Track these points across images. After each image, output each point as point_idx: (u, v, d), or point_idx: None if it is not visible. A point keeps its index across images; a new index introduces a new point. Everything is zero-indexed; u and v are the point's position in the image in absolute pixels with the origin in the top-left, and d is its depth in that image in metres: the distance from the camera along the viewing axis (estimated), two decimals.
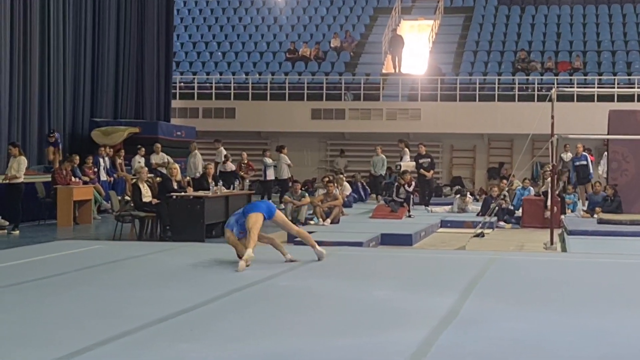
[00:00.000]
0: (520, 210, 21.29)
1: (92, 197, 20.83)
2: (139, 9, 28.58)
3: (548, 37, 36.68)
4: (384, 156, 28.16)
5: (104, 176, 22.91)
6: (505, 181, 23.57)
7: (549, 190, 17.90)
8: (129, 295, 9.78)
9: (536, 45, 36.17)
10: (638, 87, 30.51)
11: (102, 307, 8.93)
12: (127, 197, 17.27)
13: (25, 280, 10.61)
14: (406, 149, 26.67)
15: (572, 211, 22.74)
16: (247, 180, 26.30)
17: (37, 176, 20.90)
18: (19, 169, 17.90)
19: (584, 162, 24.71)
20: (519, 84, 32.65)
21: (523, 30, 37.32)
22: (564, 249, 15.71)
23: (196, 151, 25.31)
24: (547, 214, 18.27)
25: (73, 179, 20.34)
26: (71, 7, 24.80)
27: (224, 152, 26.29)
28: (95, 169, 22.65)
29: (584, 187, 24.26)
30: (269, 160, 26.61)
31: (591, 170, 24.80)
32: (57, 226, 19.27)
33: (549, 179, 21.46)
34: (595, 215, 20.55)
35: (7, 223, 17.58)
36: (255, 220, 12.35)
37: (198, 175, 23.36)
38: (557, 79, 32.17)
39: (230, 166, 25.80)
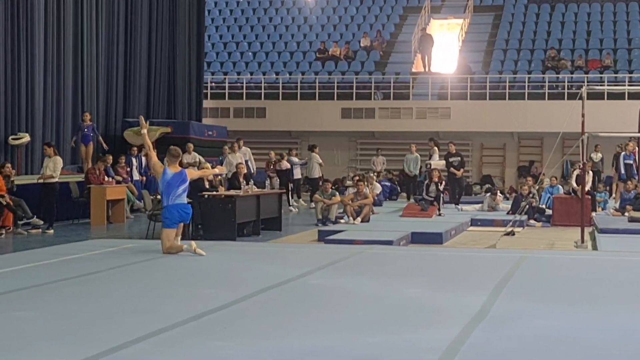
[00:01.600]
0: (550, 208, 21.23)
1: (125, 197, 20.94)
2: (170, 9, 28.70)
3: (578, 35, 36.48)
4: (418, 155, 28.09)
5: (136, 176, 23.03)
6: (531, 179, 23.41)
7: (581, 188, 17.79)
8: (162, 293, 9.83)
9: (566, 43, 36.00)
10: None
11: (136, 305, 8.97)
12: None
13: (60, 279, 10.67)
14: (435, 148, 26.60)
15: (602, 209, 22.63)
16: (276, 179, 26.30)
17: (70, 176, 21.04)
18: (55, 168, 18.04)
19: (630, 162, 24.54)
20: (549, 82, 32.55)
21: (553, 28, 37.14)
22: (594, 247, 15.65)
23: (241, 149, 25.23)
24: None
25: (106, 178, 20.45)
26: (104, 8, 24.94)
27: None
28: (128, 169, 22.78)
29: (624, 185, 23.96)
30: (295, 159, 26.72)
31: (635, 170, 24.58)
32: (90, 225, 19.38)
33: (574, 177, 21.46)
34: (627, 214, 20.44)
35: (42, 222, 17.69)
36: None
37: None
38: (587, 77, 32.01)
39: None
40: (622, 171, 24.61)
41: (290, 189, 25.91)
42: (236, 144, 25.29)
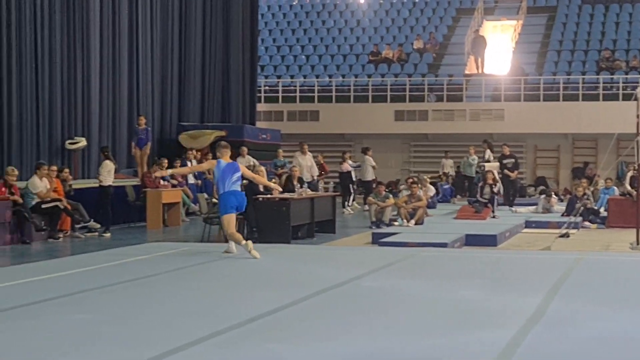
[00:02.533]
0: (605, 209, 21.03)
1: (181, 200, 21.06)
2: (224, 14, 28.85)
3: (633, 35, 36.05)
4: (476, 157, 27.99)
5: (191, 179, 23.11)
6: (586, 181, 23.20)
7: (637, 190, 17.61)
8: (218, 295, 9.90)
9: (620, 44, 35.61)
10: None
11: (192, 308, 9.04)
12: (214, 200, 17.40)
13: (117, 282, 10.78)
14: (488, 150, 26.50)
15: None
16: (322, 182, 26.35)
17: (126, 180, 21.21)
18: (109, 173, 18.17)
19: None
20: (603, 83, 32.22)
21: (607, 29, 36.77)
22: None
23: (308, 153, 25.30)
24: None
25: (162, 182, 20.58)
26: (158, 13, 25.13)
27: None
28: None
29: None
30: (350, 162, 26.81)
31: None
32: (146, 228, 19.50)
33: (628, 178, 21.23)
34: None
35: (99, 226, 17.85)
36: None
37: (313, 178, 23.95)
38: None
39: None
40: None
41: (351, 191, 25.98)
42: (305, 146, 25.34)
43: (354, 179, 26.66)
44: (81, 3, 21.63)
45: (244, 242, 13.12)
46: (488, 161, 25.85)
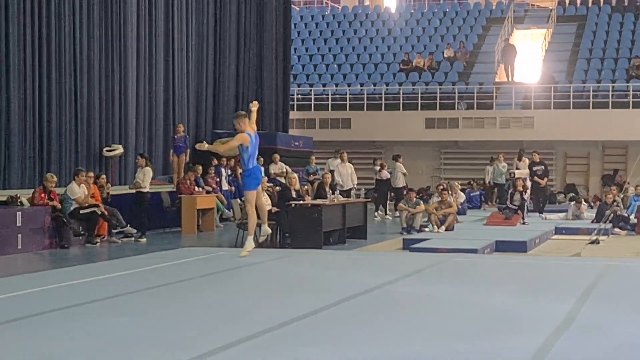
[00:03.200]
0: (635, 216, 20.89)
1: (215, 206, 21.15)
2: (257, 24, 28.95)
3: None
4: (506, 164, 27.91)
5: (225, 186, 23.22)
6: (616, 188, 23.07)
7: None
8: (252, 300, 9.93)
9: None
10: None
11: (226, 312, 9.10)
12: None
13: (153, 286, 10.85)
14: (518, 161, 26.43)
15: None
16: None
17: (162, 186, 21.32)
18: (144, 179, 18.30)
19: None
20: (633, 90, 32.01)
21: (637, 37, 36.52)
22: None
23: (347, 162, 25.32)
24: None
25: (196, 188, 20.68)
26: (194, 23, 25.25)
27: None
28: (217, 179, 22.98)
29: None
30: (377, 168, 26.82)
31: None
32: (181, 234, 19.59)
33: None
34: None
35: (135, 231, 17.95)
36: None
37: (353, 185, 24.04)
38: None
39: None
40: None
41: (390, 198, 25.99)
42: (345, 154, 25.37)
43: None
44: (118, 16, 21.81)
45: (252, 235, 13.44)
46: (518, 169, 25.77)
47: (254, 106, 14.76)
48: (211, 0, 26.11)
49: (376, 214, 25.44)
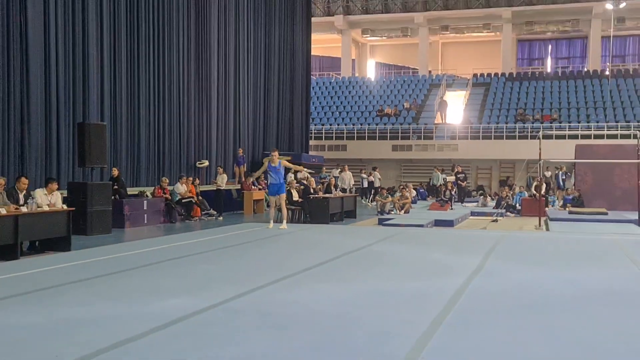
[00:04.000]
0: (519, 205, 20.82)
1: (264, 197, 21.12)
2: (290, 85, 28.81)
3: (537, 100, 35.58)
4: (439, 173, 27.84)
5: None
6: (507, 188, 23.02)
7: (538, 192, 17.45)
8: (283, 255, 9.92)
9: (529, 105, 35.17)
10: (595, 130, 29.57)
11: (270, 262, 9.09)
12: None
13: (225, 246, 10.85)
14: (438, 173, 26.42)
15: (552, 206, 22.13)
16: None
17: (232, 185, 21.30)
18: (222, 181, 18.32)
19: (564, 177, 24.35)
20: (518, 129, 31.91)
21: (521, 96, 36.35)
22: (547, 229, 15.30)
23: (348, 171, 25.32)
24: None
25: (253, 187, 20.68)
26: (252, 81, 25.12)
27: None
28: (265, 181, 22.88)
29: (561, 191, 23.82)
30: (364, 175, 26.83)
31: (564, 183, 24.46)
32: (243, 214, 19.59)
33: (534, 185, 21.06)
34: (567, 209, 19.97)
35: (215, 212, 17.95)
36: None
37: (350, 186, 23.88)
38: (542, 125, 31.20)
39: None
40: (561, 183, 24.52)
41: (373, 192, 26.03)
42: (346, 167, 25.41)
43: (363, 185, 26.75)
44: (206, 79, 21.77)
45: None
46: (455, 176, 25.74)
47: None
48: (262, 70, 25.95)
49: (363, 201, 25.42)
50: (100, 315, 5.72)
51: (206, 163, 21.42)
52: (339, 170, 25.78)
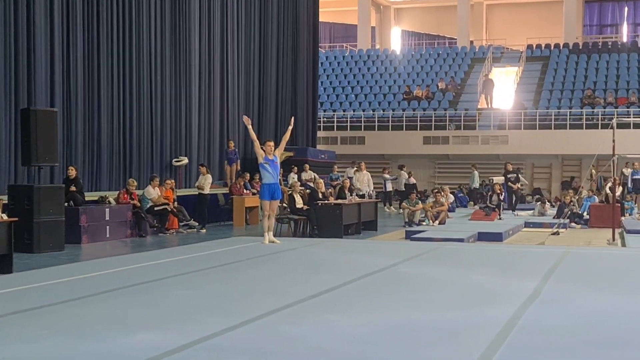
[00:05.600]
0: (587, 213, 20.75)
1: (259, 205, 21.09)
2: (292, 62, 28.90)
3: (609, 78, 35.56)
4: (476, 172, 27.80)
5: None
6: (572, 191, 23.00)
7: (612, 196, 17.38)
8: (287, 278, 9.93)
9: (599, 85, 35.13)
10: None
11: (268, 287, 9.09)
12: (284, 205, 17.47)
13: (210, 266, 10.87)
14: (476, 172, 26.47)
15: (629, 215, 22.05)
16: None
17: (218, 189, 21.36)
18: (206, 183, 18.38)
19: (638, 177, 24.21)
20: (586, 115, 31.84)
21: (589, 73, 36.31)
22: (623, 245, 15.23)
23: (365, 170, 25.21)
24: None
25: (245, 191, 20.70)
26: (243, 62, 25.24)
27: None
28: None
29: (638, 195, 23.74)
30: (387, 176, 26.86)
31: None
32: (233, 226, 19.58)
33: (608, 187, 21.04)
34: None
35: (197, 224, 17.98)
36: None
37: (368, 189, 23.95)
38: (616, 110, 31.11)
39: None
40: (630, 184, 24.48)
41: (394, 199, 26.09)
42: (362, 164, 25.31)
43: (387, 189, 26.77)
44: (185, 56, 21.86)
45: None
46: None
47: (248, 124, 14.86)
48: (256, 43, 26.08)
49: (386, 209, 25.40)
50: (47, 356, 5.72)
51: (185, 161, 21.46)
52: (355, 169, 25.82)
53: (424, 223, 19.41)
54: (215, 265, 10.93)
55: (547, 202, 24.33)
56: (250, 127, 14.70)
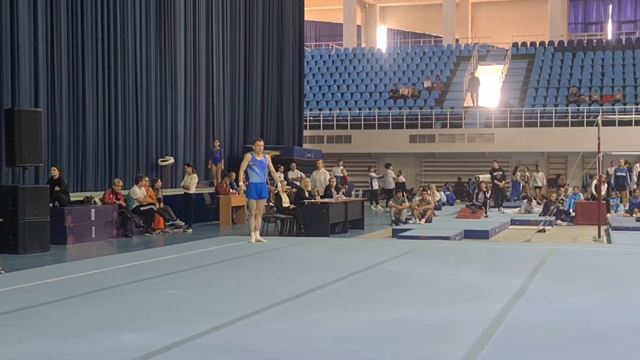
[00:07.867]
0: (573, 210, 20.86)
1: (245, 204, 21.05)
2: (278, 60, 28.89)
3: (594, 76, 35.77)
4: (390, 171, 27.46)
5: None
6: (561, 189, 23.13)
7: (598, 194, 17.47)
8: (274, 276, 9.93)
9: (585, 82, 35.31)
10: None
11: (255, 286, 9.10)
12: (271, 204, 17.46)
13: (197, 266, 10.87)
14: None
15: (615, 212, 22.19)
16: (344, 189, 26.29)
17: (204, 189, 21.32)
18: (191, 183, 18.35)
19: (624, 174, 24.35)
20: (571, 112, 31.99)
21: (574, 71, 36.49)
22: (609, 241, 15.33)
23: (323, 169, 25.19)
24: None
25: (231, 190, 20.67)
26: (228, 61, 25.20)
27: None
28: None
29: (622, 192, 23.94)
30: (373, 174, 26.85)
31: (629, 181, 24.43)
32: (219, 225, 19.58)
33: (593, 185, 21.16)
34: (634, 215, 20.02)
35: (183, 223, 17.95)
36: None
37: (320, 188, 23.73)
38: (602, 108, 31.32)
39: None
40: (612, 182, 24.65)
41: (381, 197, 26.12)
42: (320, 163, 25.12)
43: (373, 188, 26.76)
44: (171, 56, 21.78)
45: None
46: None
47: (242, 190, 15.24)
48: (242, 42, 26.05)
49: (373, 207, 25.44)
50: (32, 357, 5.71)
51: (171, 160, 21.41)
52: (341, 167, 25.72)
53: (410, 221, 19.46)
54: (201, 265, 10.93)
55: (533, 200, 24.42)
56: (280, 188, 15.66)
